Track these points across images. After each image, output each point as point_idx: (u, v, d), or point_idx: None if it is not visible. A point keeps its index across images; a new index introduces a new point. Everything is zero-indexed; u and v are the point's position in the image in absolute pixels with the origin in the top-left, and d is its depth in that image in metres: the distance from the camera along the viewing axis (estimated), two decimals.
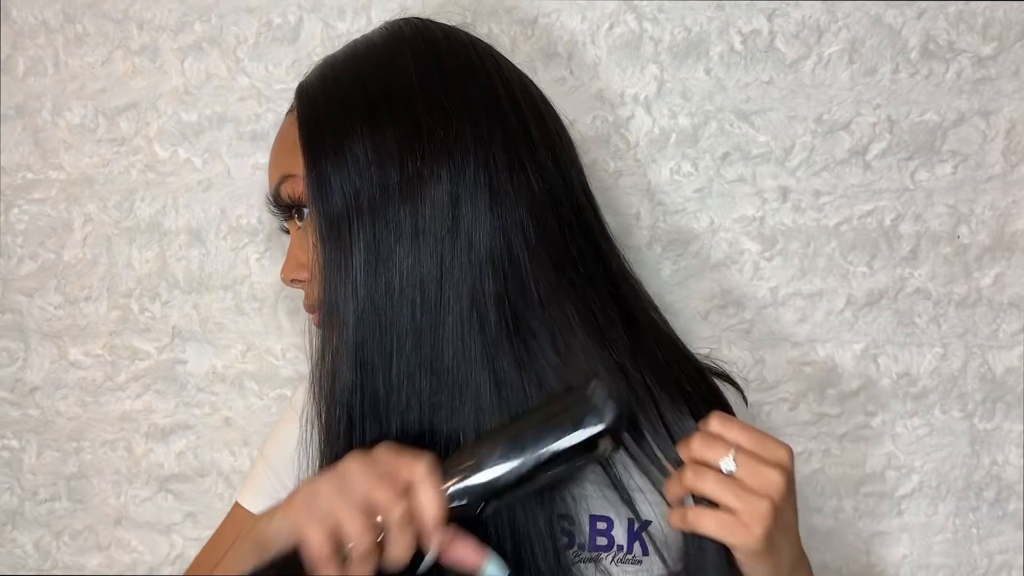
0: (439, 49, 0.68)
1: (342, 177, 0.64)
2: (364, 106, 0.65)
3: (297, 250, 0.72)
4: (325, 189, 0.64)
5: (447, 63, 0.67)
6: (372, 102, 0.65)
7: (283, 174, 0.70)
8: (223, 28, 0.94)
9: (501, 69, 0.69)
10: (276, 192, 0.71)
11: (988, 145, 0.89)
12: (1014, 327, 0.90)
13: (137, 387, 0.98)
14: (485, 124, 0.65)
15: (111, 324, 0.98)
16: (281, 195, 0.71)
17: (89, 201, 0.97)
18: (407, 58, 0.66)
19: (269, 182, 0.73)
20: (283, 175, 0.70)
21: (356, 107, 0.65)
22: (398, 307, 0.63)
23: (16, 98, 0.97)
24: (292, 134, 0.69)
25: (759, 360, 0.91)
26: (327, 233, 0.65)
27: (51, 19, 0.96)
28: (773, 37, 0.89)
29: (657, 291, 0.92)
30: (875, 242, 0.90)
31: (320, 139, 0.66)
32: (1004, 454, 0.90)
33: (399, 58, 0.67)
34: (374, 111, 0.65)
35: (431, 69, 0.66)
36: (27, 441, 1.00)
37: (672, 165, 0.91)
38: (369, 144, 0.64)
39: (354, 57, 0.69)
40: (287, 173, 0.70)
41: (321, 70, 0.70)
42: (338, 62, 0.70)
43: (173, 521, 0.99)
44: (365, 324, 0.63)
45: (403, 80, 0.65)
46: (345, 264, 0.64)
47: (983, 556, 0.91)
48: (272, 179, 0.72)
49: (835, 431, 0.91)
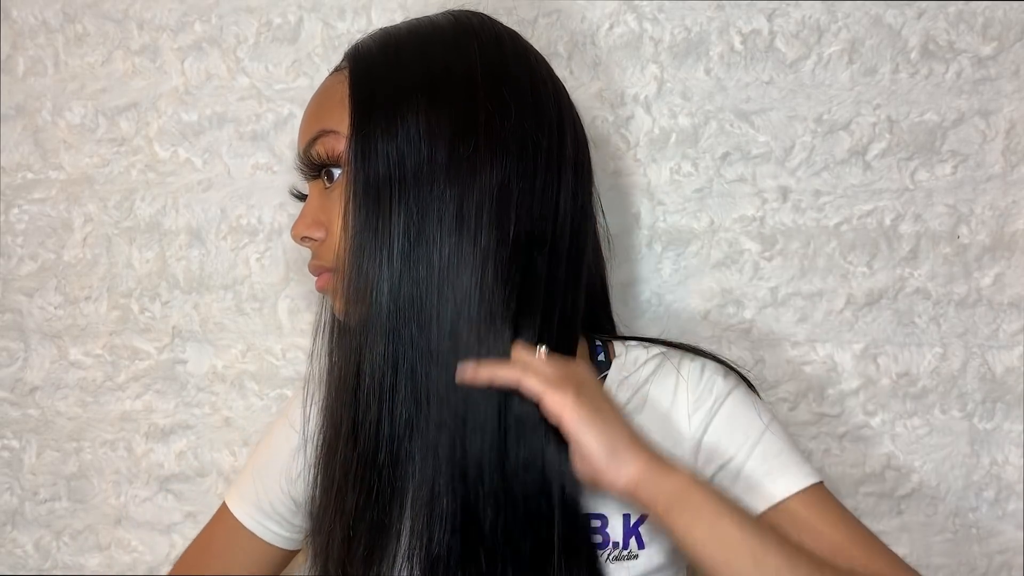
0: (504, 46, 0.69)
1: (389, 144, 0.64)
2: (424, 81, 0.66)
3: (316, 209, 0.70)
4: (371, 152, 0.64)
5: (510, 60, 0.68)
6: (433, 79, 0.66)
7: (322, 129, 0.68)
8: (223, 28, 0.94)
9: (554, 79, 0.72)
10: (309, 147, 0.69)
11: (988, 145, 0.89)
12: (1014, 327, 0.90)
13: (137, 387, 0.98)
14: (538, 127, 0.67)
15: (111, 324, 0.98)
16: (314, 151, 0.69)
17: (89, 201, 0.97)
18: (474, 47, 0.68)
19: (300, 137, 0.71)
20: (322, 130, 0.68)
21: (416, 80, 0.66)
22: (436, 285, 0.64)
23: (16, 98, 0.97)
24: (338, 92, 0.68)
25: (759, 360, 0.91)
26: (364, 197, 0.64)
27: (51, 19, 0.96)
28: (773, 37, 0.89)
29: (657, 291, 0.92)
30: (875, 242, 0.90)
31: (372, 102, 0.66)
32: (1004, 454, 0.90)
33: (465, 45, 0.68)
34: (434, 89, 0.65)
35: (496, 63, 0.67)
36: (27, 441, 1.00)
37: (672, 165, 0.91)
38: (423, 119, 0.64)
39: (418, 33, 0.69)
40: (327, 128, 0.68)
41: (382, 38, 0.70)
42: (401, 34, 0.70)
43: (173, 521, 0.99)
44: (401, 295, 0.64)
45: (467, 66, 0.66)
46: (382, 232, 0.64)
47: (983, 556, 0.91)
48: (306, 133, 0.70)
49: (835, 431, 0.91)
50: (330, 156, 0.68)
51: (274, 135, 0.95)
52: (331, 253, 0.68)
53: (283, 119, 0.94)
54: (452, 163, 0.64)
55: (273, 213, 0.95)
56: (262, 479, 0.80)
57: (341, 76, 0.69)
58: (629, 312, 0.92)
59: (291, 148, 0.95)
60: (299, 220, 0.70)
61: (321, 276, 0.70)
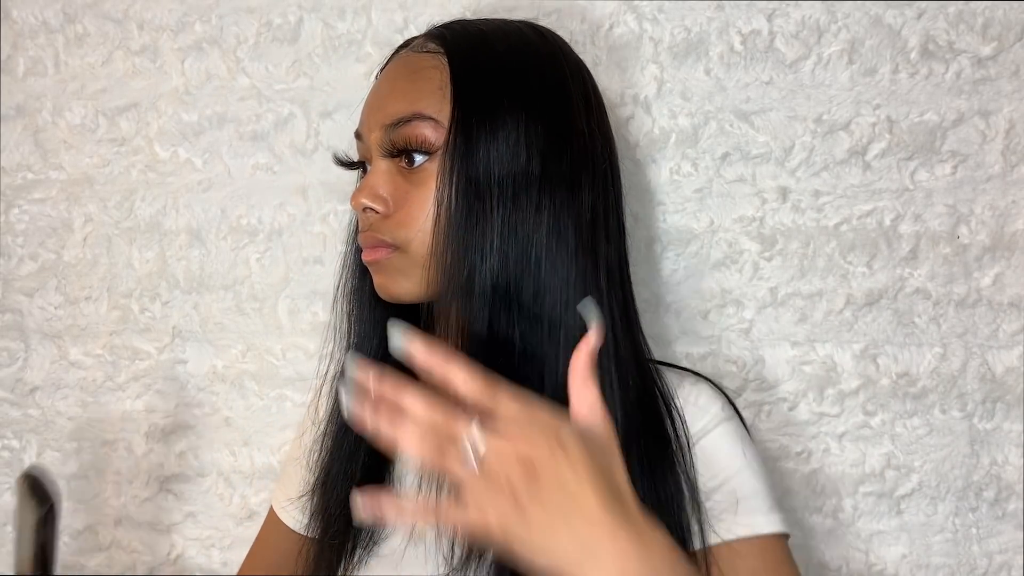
0: (582, 65, 0.73)
1: (490, 144, 0.65)
2: (523, 90, 0.67)
3: (385, 184, 0.69)
4: (473, 149, 0.65)
5: (588, 81, 0.72)
6: (531, 89, 0.67)
7: (417, 113, 0.67)
8: (223, 28, 0.94)
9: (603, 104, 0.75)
10: (397, 126, 0.67)
11: (988, 145, 0.89)
12: (1014, 327, 0.90)
13: (137, 387, 0.98)
14: (611, 153, 0.72)
15: (111, 324, 0.98)
16: (404, 132, 0.67)
17: (89, 201, 0.97)
18: (563, 62, 0.70)
19: (380, 111, 0.69)
20: (417, 113, 0.67)
21: (516, 87, 0.67)
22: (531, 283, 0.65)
23: (16, 98, 0.97)
24: (437, 78, 0.67)
25: (759, 360, 0.91)
26: (465, 191, 0.65)
27: (51, 19, 0.96)
28: (773, 37, 0.89)
29: (657, 291, 0.92)
30: (875, 242, 0.90)
31: (476, 100, 0.66)
32: (1004, 454, 0.90)
33: (555, 59, 0.70)
34: (532, 99, 0.67)
35: (583, 81, 0.71)
36: (27, 441, 1.00)
37: (672, 165, 0.91)
38: (522, 127, 0.66)
39: (507, 38, 0.70)
40: (424, 114, 0.67)
41: (475, 34, 0.69)
42: (490, 36, 0.70)
43: (173, 521, 0.99)
44: (500, 284, 0.65)
45: (559, 82, 0.69)
46: (482, 225, 0.65)
47: (983, 556, 0.91)
48: (394, 111, 0.68)
49: (835, 431, 0.91)
50: (422, 142, 0.67)
51: (274, 135, 0.95)
52: (397, 229, 0.68)
53: (283, 119, 0.95)
54: (545, 176, 0.66)
55: (273, 213, 0.95)
56: (289, 475, 0.82)
57: (436, 61, 0.68)
58: None
59: (291, 148, 0.95)
60: (363, 190, 0.69)
61: (376, 249, 0.69)
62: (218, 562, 0.98)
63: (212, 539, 0.99)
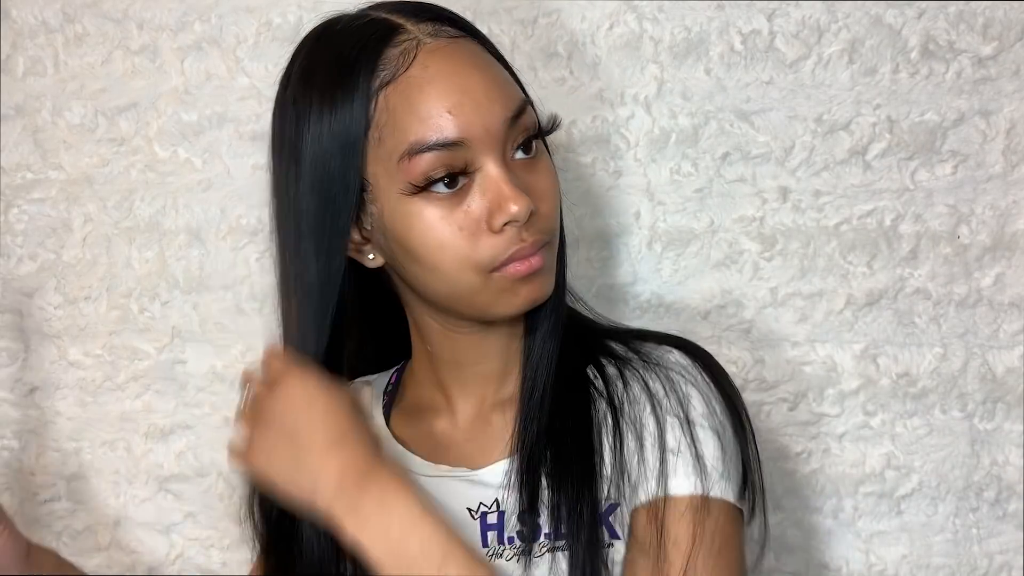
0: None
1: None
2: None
3: (516, 179, 0.63)
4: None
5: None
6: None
7: (524, 99, 0.65)
8: (223, 28, 0.94)
9: None
10: (517, 117, 0.64)
11: (988, 145, 0.89)
12: (1014, 327, 0.90)
13: (137, 387, 0.98)
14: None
15: (111, 324, 0.98)
16: (523, 122, 0.64)
17: (89, 201, 0.97)
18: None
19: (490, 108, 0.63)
20: (524, 100, 0.65)
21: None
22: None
23: (16, 98, 0.97)
24: (495, 65, 0.66)
25: (759, 360, 0.91)
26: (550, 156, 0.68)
27: (51, 19, 0.96)
28: (773, 37, 0.89)
29: (657, 291, 0.92)
30: (875, 242, 0.90)
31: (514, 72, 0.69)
32: (1004, 454, 0.90)
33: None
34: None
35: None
36: (27, 441, 1.00)
37: (672, 165, 0.91)
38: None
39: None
40: (526, 98, 0.66)
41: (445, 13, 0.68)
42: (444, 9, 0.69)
43: (173, 521, 0.99)
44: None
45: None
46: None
47: (983, 556, 0.91)
48: (509, 102, 0.64)
49: (835, 431, 0.91)
50: (535, 125, 0.66)
51: None
52: (546, 222, 0.65)
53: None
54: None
55: None
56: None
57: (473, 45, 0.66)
58: (629, 312, 0.92)
59: None
60: (520, 194, 0.62)
61: (538, 254, 0.64)
62: (218, 562, 0.98)
63: (212, 539, 0.98)
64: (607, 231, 0.91)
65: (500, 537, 0.68)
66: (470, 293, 0.64)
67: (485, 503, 0.69)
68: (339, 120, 0.63)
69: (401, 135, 0.62)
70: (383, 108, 0.63)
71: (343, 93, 0.63)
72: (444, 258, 0.63)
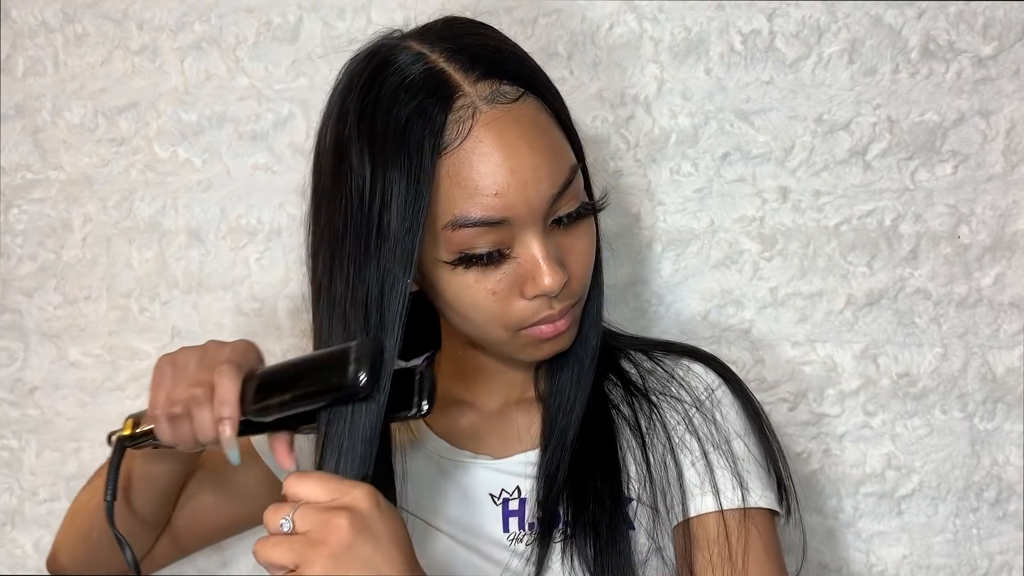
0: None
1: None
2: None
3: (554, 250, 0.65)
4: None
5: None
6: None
7: (572, 165, 0.65)
8: (223, 28, 0.94)
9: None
10: (561, 193, 0.64)
11: (988, 145, 0.89)
12: (1014, 327, 0.90)
13: (137, 387, 0.98)
14: None
15: (110, 324, 0.98)
16: (568, 194, 0.64)
17: (89, 201, 0.97)
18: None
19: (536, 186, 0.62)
20: (573, 166, 0.65)
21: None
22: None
23: (16, 98, 0.97)
24: (549, 121, 0.65)
25: (759, 360, 0.91)
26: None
27: (51, 19, 0.96)
28: (773, 37, 0.89)
29: (657, 291, 0.92)
30: (875, 242, 0.90)
31: (571, 125, 0.69)
32: (1004, 454, 0.90)
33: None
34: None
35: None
36: (27, 441, 1.00)
37: (672, 165, 0.91)
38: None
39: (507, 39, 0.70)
40: (575, 164, 0.66)
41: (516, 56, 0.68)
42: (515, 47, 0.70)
43: None
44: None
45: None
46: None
47: (983, 556, 0.91)
48: (554, 179, 0.63)
49: (835, 431, 0.91)
50: (581, 192, 0.66)
51: (274, 135, 0.95)
52: (578, 286, 0.67)
53: (283, 119, 0.94)
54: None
55: (273, 213, 0.95)
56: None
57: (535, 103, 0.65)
58: (629, 312, 0.92)
59: (290, 148, 0.94)
60: (555, 269, 0.63)
61: (565, 317, 0.67)
62: (217, 562, 0.98)
63: None
64: (607, 231, 0.91)
65: (521, 523, 0.71)
66: (497, 343, 0.69)
67: (507, 490, 0.72)
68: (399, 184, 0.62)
69: (447, 205, 0.62)
70: (435, 174, 0.62)
71: (407, 161, 0.62)
72: (475, 314, 0.66)
